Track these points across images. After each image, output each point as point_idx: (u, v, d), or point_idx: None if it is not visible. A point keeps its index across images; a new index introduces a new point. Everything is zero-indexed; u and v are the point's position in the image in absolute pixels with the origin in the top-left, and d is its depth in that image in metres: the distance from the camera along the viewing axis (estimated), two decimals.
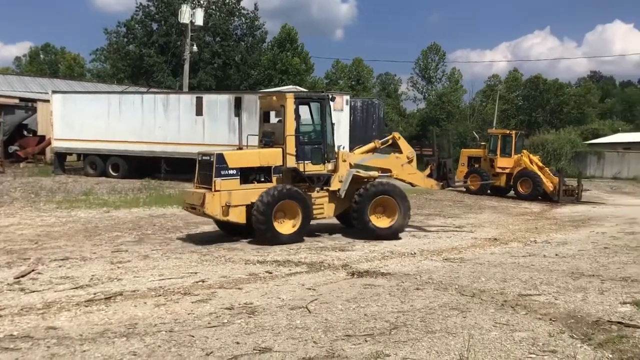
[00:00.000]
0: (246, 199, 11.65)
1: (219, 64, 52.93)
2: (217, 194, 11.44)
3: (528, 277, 8.83)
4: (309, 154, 12.34)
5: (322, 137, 12.62)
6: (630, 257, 10.84)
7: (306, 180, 12.34)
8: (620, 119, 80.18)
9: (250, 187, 11.84)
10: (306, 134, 12.55)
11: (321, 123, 12.65)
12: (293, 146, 12.09)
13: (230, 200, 11.49)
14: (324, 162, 12.56)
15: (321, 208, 12.63)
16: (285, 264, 9.58)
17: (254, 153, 12.32)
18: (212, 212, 11.48)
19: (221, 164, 11.52)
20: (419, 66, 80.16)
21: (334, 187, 12.66)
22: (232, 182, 11.62)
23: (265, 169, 12.12)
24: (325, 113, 12.65)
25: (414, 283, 8.36)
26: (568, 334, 5.96)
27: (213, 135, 23.83)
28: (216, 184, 11.47)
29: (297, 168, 12.15)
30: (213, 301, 7.14)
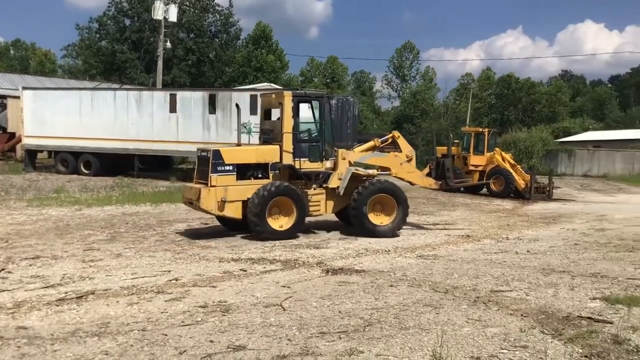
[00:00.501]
0: (242, 194, 11.86)
1: (193, 60, 52.53)
2: (213, 189, 11.67)
3: (500, 274, 8.93)
4: (306, 151, 12.50)
5: (320, 135, 12.75)
6: (600, 254, 11.03)
7: (302, 178, 12.50)
8: (591, 117, 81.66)
9: (246, 183, 12.03)
10: (304, 131, 12.71)
11: (319, 121, 12.77)
12: (290, 143, 12.25)
13: (226, 196, 11.72)
14: (321, 159, 12.71)
15: (317, 205, 12.77)
16: (259, 262, 9.56)
17: (251, 150, 12.60)
18: (207, 207, 11.73)
19: (217, 160, 11.74)
20: (394, 64, 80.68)
21: (333, 185, 12.81)
22: (228, 177, 11.84)
23: (262, 165, 12.31)
24: (324, 111, 12.79)
25: (388, 280, 8.40)
26: (539, 329, 6.05)
27: (187, 133, 23.71)
28: (212, 179, 11.70)
29: (293, 165, 12.30)
30: (187, 299, 7.09)
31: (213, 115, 23.42)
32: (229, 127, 23.06)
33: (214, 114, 23.41)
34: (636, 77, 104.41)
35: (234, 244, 11.21)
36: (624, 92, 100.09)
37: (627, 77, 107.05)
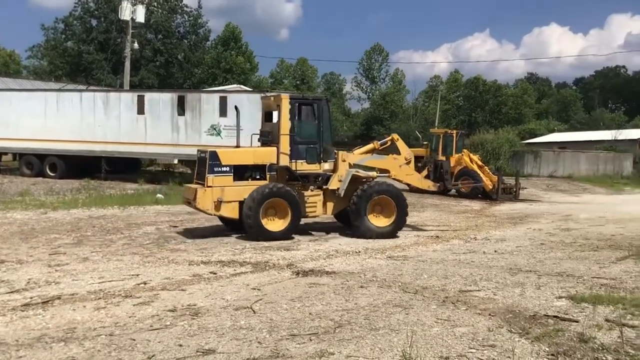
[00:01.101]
0: (239, 195, 12.07)
1: (162, 61, 52.04)
2: (209, 190, 11.94)
3: (468, 274, 9.03)
4: (303, 153, 12.69)
5: (318, 138, 12.88)
6: (565, 253, 11.24)
7: (298, 179, 12.64)
8: (556, 119, 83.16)
9: (243, 184, 12.26)
10: (301, 133, 12.84)
11: (317, 124, 12.92)
12: (287, 145, 12.43)
13: (222, 196, 11.96)
14: (319, 161, 12.86)
15: (314, 207, 12.93)
16: (229, 264, 9.50)
17: (248, 151, 12.81)
18: (203, 207, 12.01)
19: (214, 161, 12.01)
20: (363, 66, 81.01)
21: (333, 187, 12.98)
22: (225, 178, 12.09)
23: (260, 167, 12.55)
24: (322, 114, 12.95)
25: (358, 281, 8.43)
26: (506, 328, 6.13)
27: (155, 134, 23.48)
28: (208, 180, 11.96)
29: (289, 167, 12.46)
30: (155, 303, 7.01)
31: (182, 117, 23.23)
32: (198, 129, 22.91)
33: (183, 116, 23.22)
34: (600, 80, 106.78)
35: (204, 247, 11.13)
36: (588, 95, 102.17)
37: (591, 79, 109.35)
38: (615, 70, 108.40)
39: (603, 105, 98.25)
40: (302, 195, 12.64)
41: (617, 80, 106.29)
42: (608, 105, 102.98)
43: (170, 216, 15.40)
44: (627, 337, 5.76)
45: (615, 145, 49.90)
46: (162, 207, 17.20)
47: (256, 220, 11.85)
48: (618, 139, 52.03)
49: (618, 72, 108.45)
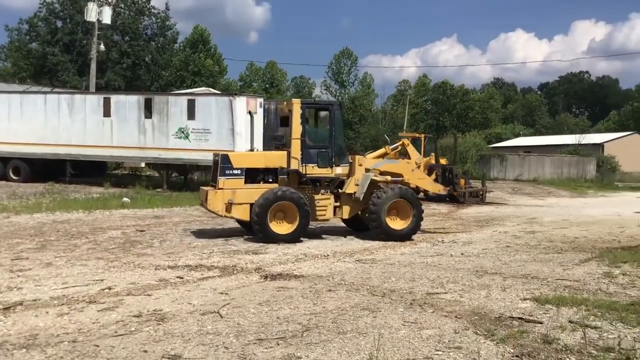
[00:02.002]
0: (250, 197, 12.34)
1: (128, 64, 51.35)
2: (220, 192, 12.30)
3: (435, 276, 9.10)
4: (314, 157, 12.89)
5: (330, 142, 13.11)
6: (530, 255, 11.40)
7: (308, 183, 12.88)
8: (521, 123, 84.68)
9: (254, 186, 12.59)
10: (313, 138, 13.20)
11: (329, 128, 13.20)
12: (298, 149, 12.70)
13: (233, 198, 12.29)
14: (331, 165, 13.05)
15: (324, 210, 13.15)
16: (197, 269, 9.41)
17: (260, 155, 13.39)
18: (214, 209, 12.43)
19: (226, 164, 12.41)
20: (332, 70, 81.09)
21: (350, 190, 13.24)
22: (236, 181, 12.44)
23: (272, 170, 12.82)
24: (334, 119, 13.16)
25: (326, 285, 8.42)
26: (472, 330, 6.19)
27: (122, 137, 23.21)
28: (219, 182, 12.34)
29: (299, 170, 12.69)
30: (120, 309, 6.90)
31: (149, 119, 22.98)
32: (166, 132, 22.70)
33: (150, 119, 22.97)
34: (564, 85, 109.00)
35: (171, 251, 11.01)
36: (553, 99, 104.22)
37: (555, 84, 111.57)
38: (579, 75, 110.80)
39: (567, 110, 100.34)
40: (312, 199, 12.88)
41: (580, 85, 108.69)
42: (572, 110, 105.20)
43: (137, 220, 15.20)
44: (589, 338, 5.86)
45: (578, 150, 50.99)
46: (128, 211, 16.97)
47: (263, 223, 12.09)
48: (582, 143, 53.15)
49: (582, 77, 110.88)
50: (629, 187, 41.85)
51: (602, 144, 56.74)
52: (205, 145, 22.20)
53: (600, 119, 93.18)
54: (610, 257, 10.97)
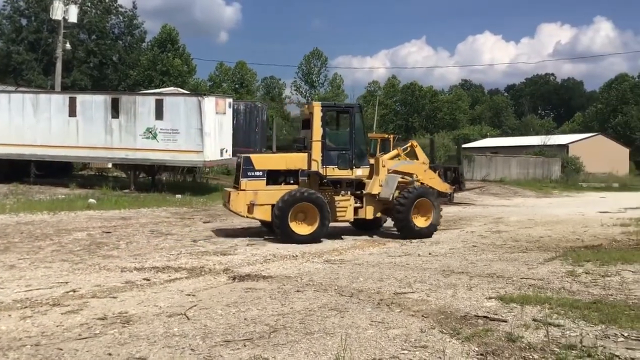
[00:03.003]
0: (271, 198, 12.63)
1: (95, 63, 50.65)
2: (242, 193, 12.63)
3: (403, 276, 9.17)
4: (335, 159, 13.15)
5: (350, 144, 13.32)
6: (496, 255, 11.57)
7: (329, 184, 13.18)
8: (489, 124, 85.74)
9: (275, 188, 12.87)
10: (333, 140, 13.48)
11: (349, 130, 13.47)
12: (319, 151, 12.94)
13: (255, 199, 12.60)
14: (351, 167, 13.27)
15: (344, 211, 13.42)
16: (164, 270, 9.32)
17: (281, 157, 13.74)
18: (236, 209, 12.73)
19: (248, 166, 12.73)
20: (302, 71, 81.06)
21: (375, 191, 13.59)
22: (258, 182, 12.75)
23: (293, 172, 13.13)
24: (354, 121, 13.49)
25: (294, 285, 8.42)
26: (438, 329, 6.25)
27: (88, 137, 22.83)
28: (242, 183, 12.68)
29: (319, 172, 12.95)
30: (84, 312, 6.80)
31: (116, 119, 22.64)
32: (133, 132, 22.42)
33: (117, 118, 22.63)
34: (530, 87, 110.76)
35: (137, 253, 10.88)
36: (519, 101, 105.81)
37: (521, 86, 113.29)
38: (545, 77, 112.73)
39: (533, 112, 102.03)
40: (332, 200, 13.13)
41: (546, 87, 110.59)
42: (538, 111, 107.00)
43: (103, 221, 14.99)
44: (552, 336, 5.97)
45: (544, 150, 51.85)
46: (94, 212, 16.73)
47: (284, 223, 12.38)
48: (547, 144, 54.08)
49: (547, 79, 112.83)
50: (592, 188, 42.76)
51: (567, 145, 57.76)
52: (173, 145, 22.00)
53: (565, 120, 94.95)
54: (573, 256, 11.19)
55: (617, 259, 10.66)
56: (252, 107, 32.16)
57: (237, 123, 28.45)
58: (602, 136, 64.66)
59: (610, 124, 72.38)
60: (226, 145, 23.52)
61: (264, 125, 33.10)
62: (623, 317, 6.65)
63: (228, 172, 32.85)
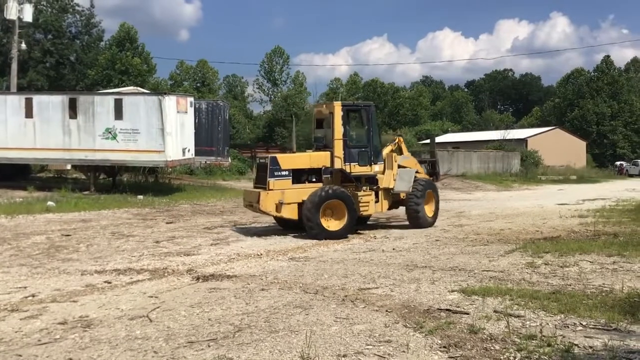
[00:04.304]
0: (298, 197, 13.06)
1: (52, 63, 49.54)
2: (271, 193, 12.86)
3: (367, 272, 9.22)
4: (356, 156, 13.68)
5: (368, 141, 13.96)
6: (458, 248, 11.73)
7: (353, 181, 13.61)
8: (450, 120, 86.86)
9: (301, 186, 13.24)
10: (353, 138, 13.98)
11: (367, 128, 14.02)
12: (341, 149, 13.46)
13: (283, 198, 12.90)
14: (370, 164, 13.89)
15: (366, 206, 13.88)
16: (126, 273, 9.19)
17: (304, 155, 14.03)
18: (266, 209, 13.00)
19: (274, 166, 12.97)
20: (264, 69, 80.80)
21: (389, 185, 14.32)
22: (284, 182, 13.05)
23: (315, 170, 13.52)
24: (371, 119, 14.09)
25: (259, 284, 8.40)
26: (402, 323, 6.30)
27: (45, 139, 22.36)
28: (270, 183, 12.91)
29: (343, 169, 13.41)
30: (44, 316, 6.66)
31: (74, 120, 22.20)
32: (92, 133, 22.03)
33: (75, 119, 22.19)
34: (489, 82, 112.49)
35: (98, 256, 10.70)
36: (479, 96, 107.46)
37: (481, 82, 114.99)
38: (504, 73, 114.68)
39: (492, 107, 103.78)
40: (355, 196, 13.49)
41: (505, 82, 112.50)
42: (497, 106, 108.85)
43: (62, 224, 14.69)
44: (513, 327, 6.08)
45: (504, 145, 52.70)
46: (53, 215, 16.37)
47: (316, 220, 12.75)
48: (506, 138, 54.97)
49: (506, 75, 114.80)
50: (551, 180, 43.70)
51: (525, 139, 58.85)
52: (134, 145, 21.68)
53: (524, 114, 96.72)
54: (533, 247, 11.41)
55: (575, 250, 10.90)
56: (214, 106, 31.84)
57: (199, 122, 28.15)
58: (559, 130, 66.07)
59: (567, 118, 73.94)
60: (188, 144, 23.28)
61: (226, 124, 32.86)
62: (581, 307, 6.81)
63: (191, 171, 32.60)
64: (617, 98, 73.77)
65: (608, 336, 5.74)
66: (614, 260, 9.94)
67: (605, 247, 11.16)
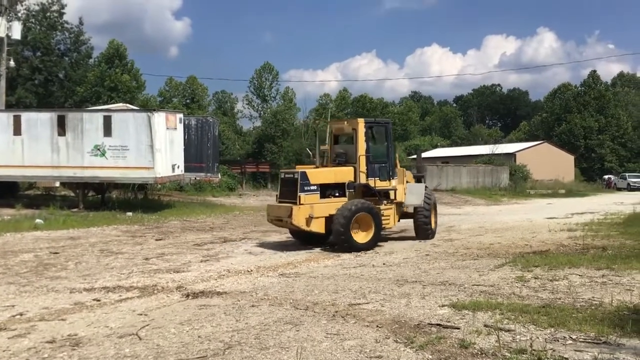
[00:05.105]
0: (325, 211, 13.36)
1: (40, 80, 49.39)
2: (303, 207, 13.11)
3: (358, 287, 9.21)
4: (377, 171, 14.18)
5: (387, 157, 14.56)
6: (448, 263, 11.74)
7: (376, 195, 14.05)
8: (439, 135, 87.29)
9: (328, 201, 13.57)
10: (374, 154, 14.28)
11: (386, 144, 14.63)
12: (364, 165, 13.90)
13: (312, 213, 13.12)
14: (389, 179, 14.43)
15: (388, 219, 14.43)
16: (115, 290, 9.13)
17: (330, 171, 14.21)
18: (298, 223, 13.14)
19: (304, 180, 13.29)
20: (254, 85, 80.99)
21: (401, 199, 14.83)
22: (313, 196, 13.35)
23: (340, 185, 13.85)
24: (389, 135, 14.74)
25: (249, 300, 8.36)
26: (393, 338, 6.29)
27: (34, 156, 22.28)
28: (301, 198, 13.16)
29: (368, 184, 13.88)
30: (32, 335, 6.59)
31: (63, 137, 22.14)
32: (81, 150, 21.96)
33: (64, 136, 22.13)
34: (477, 97, 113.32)
35: (87, 273, 10.62)
36: (467, 111, 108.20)
37: (469, 97, 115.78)
38: (492, 88, 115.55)
39: (481, 122, 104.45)
40: (378, 210, 13.90)
41: (493, 97, 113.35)
42: (485, 121, 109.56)
43: (51, 242, 14.58)
44: (504, 341, 6.08)
45: (492, 159, 53.00)
46: (41, 233, 16.25)
47: (347, 234, 13.07)
48: (495, 153, 55.31)
49: (494, 90, 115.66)
50: (539, 194, 43.95)
51: (514, 154, 59.21)
52: (123, 162, 21.63)
53: (512, 129, 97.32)
54: (522, 261, 11.44)
55: (564, 264, 10.95)
56: (203, 122, 31.92)
57: (189, 138, 28.18)
58: (547, 144, 66.56)
59: (555, 132, 74.52)
60: (178, 161, 23.26)
61: (216, 140, 32.89)
62: (571, 320, 6.83)
63: (181, 188, 32.51)
64: (604, 112, 74.50)
65: (598, 349, 5.76)
66: (603, 274, 9.98)
67: (594, 261, 11.22)
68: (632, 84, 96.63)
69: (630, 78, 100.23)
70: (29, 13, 50.42)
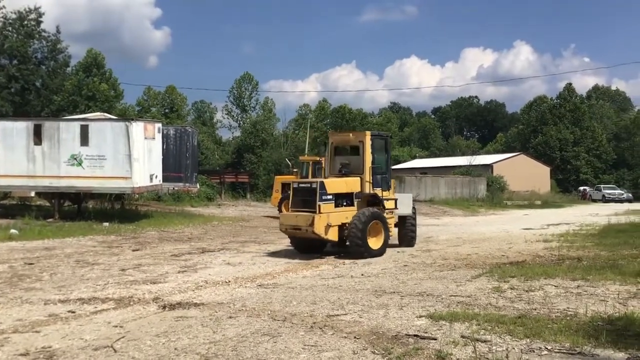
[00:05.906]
0: (339, 219, 13.90)
1: (17, 88, 48.77)
2: (323, 216, 13.51)
3: (336, 298, 9.20)
4: (380, 182, 14.92)
5: (387, 168, 15.45)
6: (426, 273, 11.79)
7: (382, 204, 14.72)
8: (417, 146, 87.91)
9: (341, 209, 14.09)
10: (377, 165, 14.91)
11: (386, 156, 15.52)
12: (371, 175, 14.55)
13: (329, 221, 13.57)
14: (388, 188, 15.26)
15: (390, 226, 15.05)
16: (90, 302, 9.01)
17: (342, 181, 14.61)
18: (319, 232, 13.48)
19: (322, 190, 13.67)
20: (233, 95, 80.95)
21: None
22: (330, 205, 13.80)
23: (349, 194, 14.37)
24: (389, 148, 15.73)
25: (227, 312, 8.31)
26: (370, 350, 6.30)
27: (9, 166, 21.97)
28: (320, 207, 13.55)
29: (376, 194, 14.67)
30: (6, 347, 6.48)
31: (39, 146, 21.88)
32: (57, 159, 21.72)
33: (40, 145, 21.87)
34: (455, 109, 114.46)
35: (62, 284, 10.47)
36: (446, 123, 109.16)
37: (447, 108, 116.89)
38: (469, 100, 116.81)
39: (459, 133, 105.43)
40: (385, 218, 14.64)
41: (471, 109, 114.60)
42: (463, 132, 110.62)
43: (25, 253, 14.37)
44: (480, 352, 6.12)
45: (470, 170, 53.53)
46: (16, 244, 16.01)
47: (364, 241, 13.70)
48: (473, 164, 55.84)
49: (472, 102, 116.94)
50: (516, 205, 44.42)
51: (491, 165, 59.85)
52: (100, 172, 21.44)
53: (489, 140, 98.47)
54: (499, 272, 11.53)
55: (540, 274, 11.05)
56: (182, 132, 31.70)
57: (167, 148, 27.97)
58: (524, 156, 67.37)
59: (531, 144, 75.47)
60: (156, 170, 23.10)
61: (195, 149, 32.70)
62: (547, 331, 6.90)
63: (159, 198, 32.26)
64: (579, 124, 75.68)
65: None
66: (578, 284, 10.10)
67: (570, 272, 11.35)
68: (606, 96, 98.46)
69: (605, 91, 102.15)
70: (5, 21, 49.85)
